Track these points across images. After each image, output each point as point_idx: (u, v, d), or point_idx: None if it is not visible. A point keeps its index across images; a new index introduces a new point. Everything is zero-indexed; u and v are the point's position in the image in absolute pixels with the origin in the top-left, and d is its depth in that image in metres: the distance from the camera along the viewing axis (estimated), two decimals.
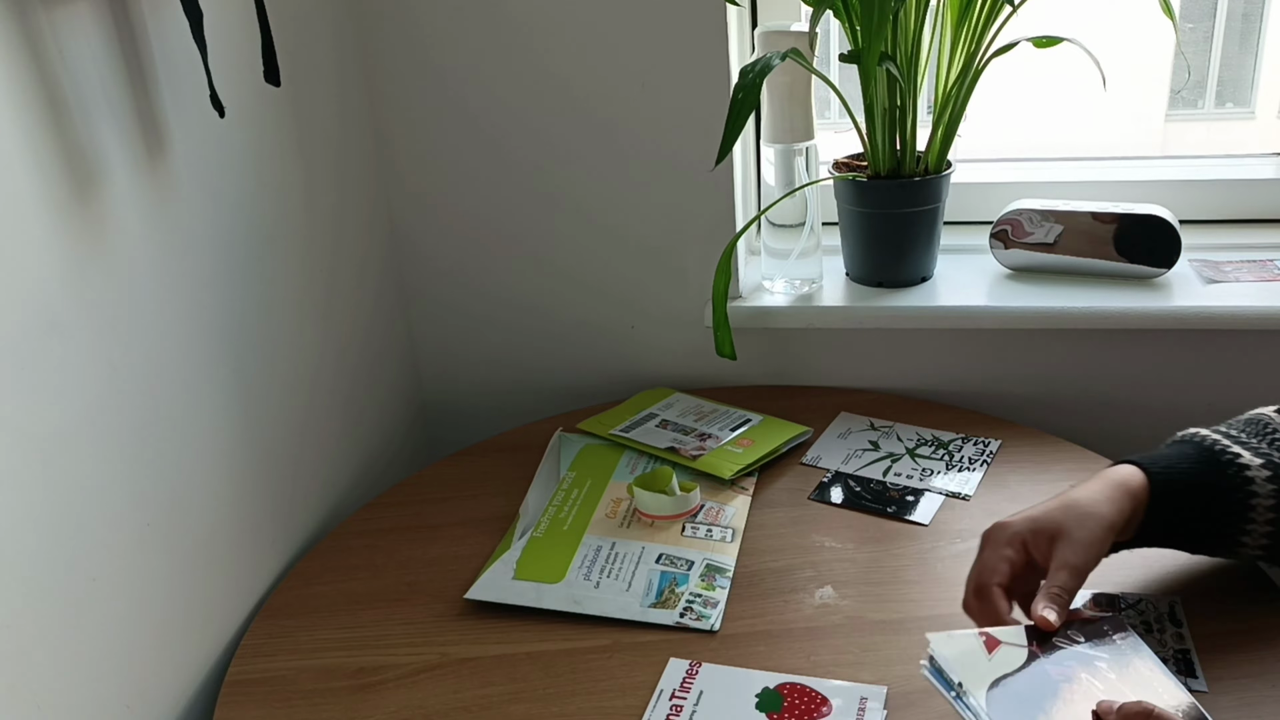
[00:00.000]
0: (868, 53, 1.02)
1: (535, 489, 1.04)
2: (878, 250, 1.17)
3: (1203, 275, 1.15)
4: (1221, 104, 4.58)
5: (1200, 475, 0.78)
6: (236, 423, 0.91)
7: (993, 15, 1.06)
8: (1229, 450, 0.78)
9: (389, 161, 1.20)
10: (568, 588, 0.88)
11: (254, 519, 0.93)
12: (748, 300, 1.19)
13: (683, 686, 0.77)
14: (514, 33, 1.12)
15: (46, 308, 0.68)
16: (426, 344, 1.30)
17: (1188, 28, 4.38)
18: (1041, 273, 1.19)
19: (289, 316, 1.00)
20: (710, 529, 0.96)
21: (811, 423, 1.12)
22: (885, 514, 0.97)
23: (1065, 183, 1.27)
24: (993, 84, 1.16)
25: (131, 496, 0.76)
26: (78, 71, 0.71)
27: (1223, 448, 0.79)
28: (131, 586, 0.76)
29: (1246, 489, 0.76)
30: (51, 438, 0.68)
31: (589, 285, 1.24)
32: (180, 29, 0.81)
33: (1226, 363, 1.13)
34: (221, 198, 0.89)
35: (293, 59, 1.00)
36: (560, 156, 1.17)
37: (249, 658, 0.85)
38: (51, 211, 0.69)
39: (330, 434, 1.08)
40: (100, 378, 0.73)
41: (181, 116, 0.83)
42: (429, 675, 0.81)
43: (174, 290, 0.82)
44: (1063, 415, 1.19)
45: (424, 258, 1.25)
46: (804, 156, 1.14)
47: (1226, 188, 1.25)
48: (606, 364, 1.27)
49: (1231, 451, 0.78)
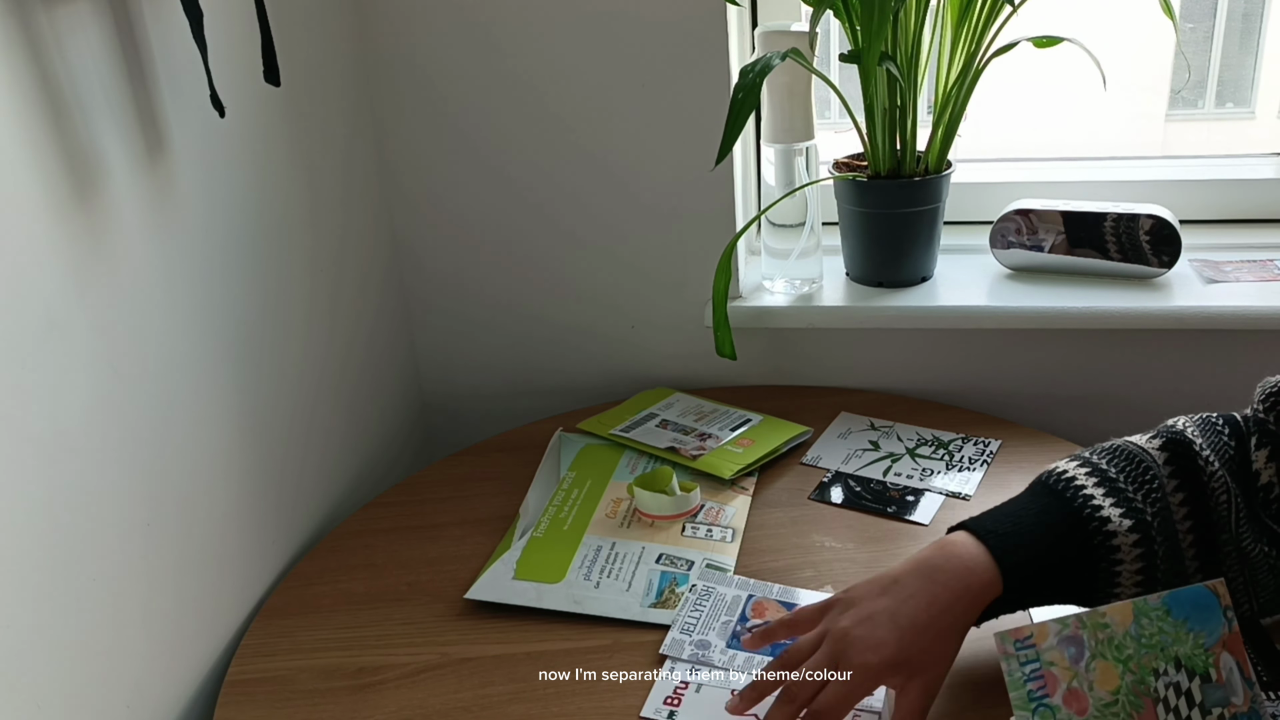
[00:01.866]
0: (868, 53, 1.02)
1: (535, 489, 1.04)
2: (878, 250, 1.17)
3: (1203, 275, 1.15)
4: (1221, 104, 4.58)
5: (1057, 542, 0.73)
6: (237, 422, 0.91)
7: (993, 15, 1.06)
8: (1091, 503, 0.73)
9: (389, 161, 1.20)
10: (568, 588, 0.88)
11: (254, 519, 0.93)
12: (748, 300, 1.19)
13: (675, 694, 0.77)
14: (514, 33, 1.12)
15: (46, 308, 0.68)
16: (427, 343, 1.30)
17: (1188, 28, 4.38)
18: (1041, 273, 1.19)
19: (289, 316, 1.00)
20: (710, 529, 0.96)
21: (811, 423, 1.12)
22: (885, 514, 0.97)
23: (1065, 183, 1.27)
24: (993, 84, 1.16)
25: (131, 496, 0.76)
26: (78, 71, 0.71)
27: (1085, 499, 0.73)
28: (131, 586, 0.76)
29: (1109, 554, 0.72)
30: (51, 438, 0.68)
31: (589, 285, 1.24)
32: (180, 29, 0.81)
33: (1226, 363, 1.13)
34: (221, 198, 0.89)
35: (293, 59, 1.00)
36: (560, 156, 1.17)
37: (249, 658, 0.85)
38: (52, 211, 0.69)
39: (330, 433, 1.08)
40: (100, 378, 0.73)
41: (181, 116, 0.83)
42: (429, 675, 0.81)
43: (174, 290, 0.82)
44: (1063, 415, 1.19)
45: (425, 257, 1.25)
46: (804, 156, 1.14)
47: (1226, 188, 1.25)
48: (606, 364, 1.27)
49: (1094, 505, 0.73)
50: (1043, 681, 0.63)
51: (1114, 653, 0.64)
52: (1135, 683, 0.63)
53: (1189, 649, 0.64)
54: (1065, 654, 0.63)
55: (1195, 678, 0.63)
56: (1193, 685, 0.63)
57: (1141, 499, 0.73)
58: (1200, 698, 0.63)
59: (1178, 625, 0.64)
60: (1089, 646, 0.64)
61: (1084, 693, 0.63)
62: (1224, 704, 0.63)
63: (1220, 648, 0.64)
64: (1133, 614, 0.64)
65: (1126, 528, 0.72)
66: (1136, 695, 0.63)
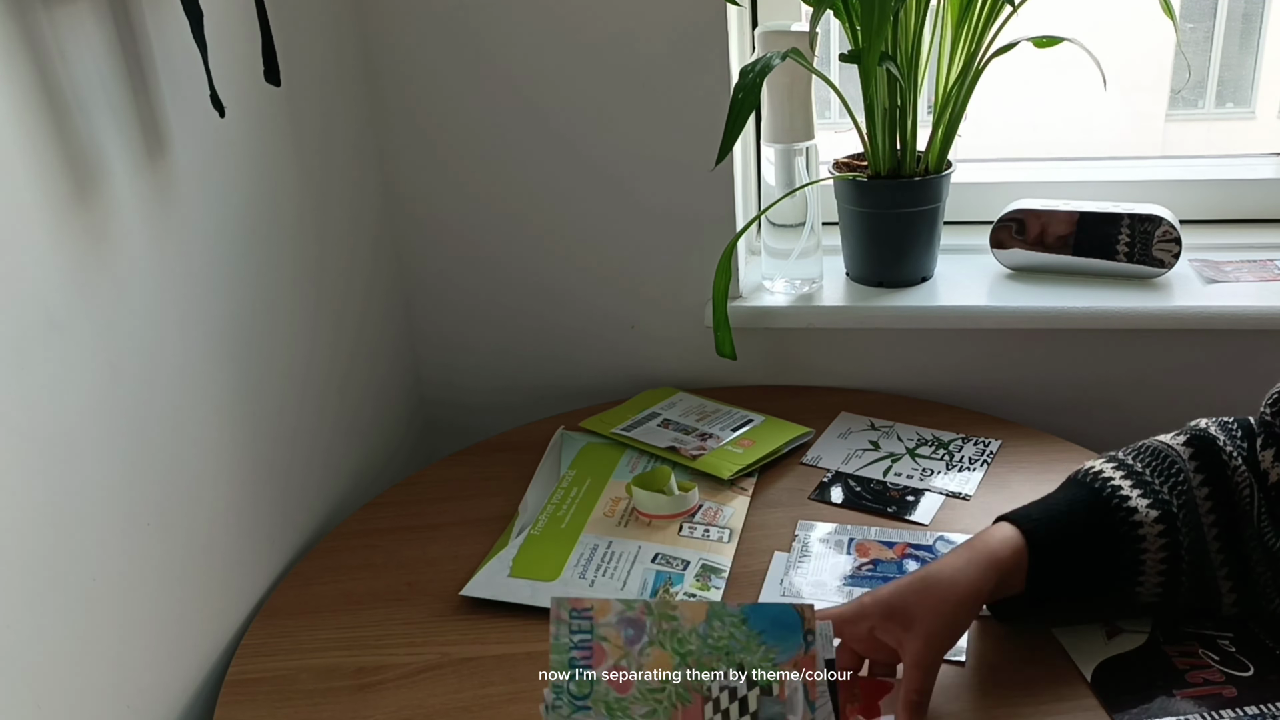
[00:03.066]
0: (868, 53, 1.02)
1: (535, 487, 1.04)
2: (878, 250, 1.17)
3: (1203, 275, 1.15)
4: (1221, 104, 4.58)
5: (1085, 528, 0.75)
6: (237, 423, 0.91)
7: (993, 15, 1.06)
8: (1119, 493, 0.76)
9: (389, 161, 1.20)
10: (563, 586, 0.88)
11: (254, 519, 0.93)
12: (748, 300, 1.19)
13: None
14: (514, 34, 1.12)
15: (46, 308, 0.68)
16: (427, 343, 1.30)
17: (1188, 28, 4.39)
18: (1041, 273, 1.19)
19: (289, 316, 1.00)
20: (708, 529, 0.96)
21: (812, 422, 1.12)
22: (885, 514, 0.97)
23: (1065, 183, 1.27)
24: (993, 84, 1.16)
25: (131, 496, 0.76)
26: (78, 71, 0.71)
27: (1113, 490, 0.76)
28: (131, 586, 0.76)
29: (1135, 543, 0.74)
30: (51, 438, 0.68)
31: (589, 285, 1.24)
32: (180, 29, 0.81)
33: (1226, 363, 1.13)
34: (221, 198, 0.89)
35: (293, 59, 1.00)
36: (561, 157, 1.17)
37: (249, 658, 0.85)
38: (51, 211, 0.69)
39: (330, 433, 1.08)
40: (100, 378, 0.73)
41: (181, 116, 0.83)
42: (429, 675, 0.81)
43: (174, 290, 0.82)
44: (1063, 415, 1.19)
45: (424, 258, 1.25)
46: (804, 156, 1.14)
47: (1226, 188, 1.25)
48: (606, 364, 1.27)
49: (1121, 495, 0.76)
50: (589, 653, 0.64)
51: (675, 644, 0.64)
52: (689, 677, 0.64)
53: (756, 659, 0.64)
54: (622, 633, 0.64)
55: (755, 688, 0.64)
56: (750, 694, 0.64)
57: (1168, 491, 0.76)
58: (755, 707, 0.63)
59: (750, 635, 0.64)
60: (649, 632, 0.64)
61: (630, 674, 0.64)
62: (779, 718, 0.63)
63: (791, 666, 0.64)
64: (706, 615, 0.65)
65: (1152, 517, 0.75)
66: (687, 689, 0.64)
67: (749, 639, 0.64)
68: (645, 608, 0.65)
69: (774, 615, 0.65)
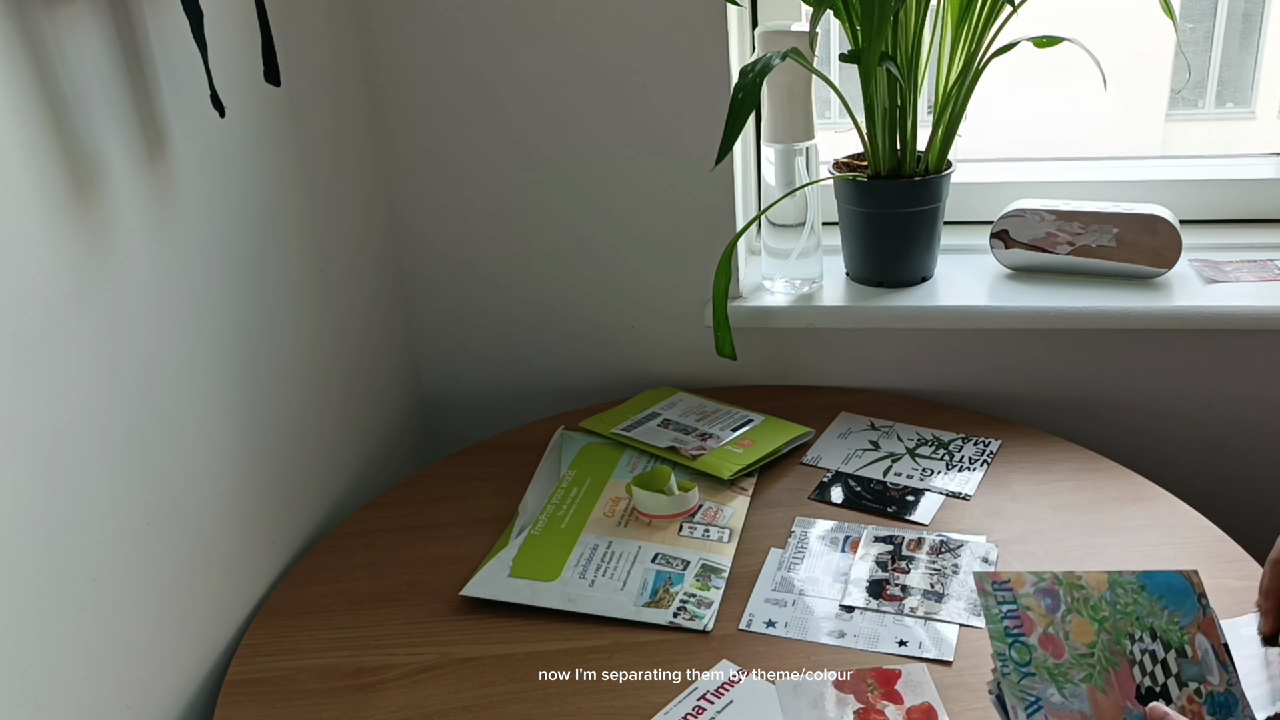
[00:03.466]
0: (868, 53, 1.02)
1: (535, 487, 1.04)
2: (878, 250, 1.17)
3: (1203, 275, 1.15)
4: (1221, 104, 4.58)
5: None
6: (237, 423, 0.91)
7: (993, 15, 1.06)
8: None
9: (389, 161, 1.20)
10: (562, 586, 0.88)
11: (254, 519, 0.93)
12: (748, 300, 1.19)
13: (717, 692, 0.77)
14: (515, 34, 1.12)
15: (46, 308, 0.68)
16: (427, 343, 1.30)
17: (1188, 28, 4.38)
18: (1041, 273, 1.19)
19: (289, 316, 1.00)
20: (707, 529, 0.96)
21: (811, 423, 1.12)
22: (885, 514, 0.97)
23: (1065, 183, 1.27)
24: (993, 84, 1.16)
25: (131, 496, 0.76)
26: (78, 71, 0.71)
27: None
28: (131, 586, 0.76)
29: None
30: (51, 438, 0.68)
31: (588, 285, 1.24)
32: (180, 29, 0.81)
33: (1226, 363, 1.13)
34: (221, 198, 0.89)
35: (293, 59, 1.00)
36: (561, 158, 1.17)
37: (249, 658, 0.85)
38: (51, 211, 0.69)
39: (330, 434, 1.08)
40: (100, 378, 0.73)
41: (181, 116, 0.83)
42: (429, 675, 0.81)
43: (174, 290, 0.82)
44: (1063, 415, 1.19)
45: (424, 259, 1.25)
46: (804, 156, 1.14)
47: (1226, 188, 1.25)
48: (606, 364, 1.27)
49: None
50: (1019, 621, 0.65)
51: (1090, 611, 0.66)
52: (1110, 642, 0.65)
53: (1164, 623, 0.66)
54: (1041, 603, 0.66)
55: (1171, 650, 0.65)
56: (1168, 656, 0.65)
57: None
58: (1176, 669, 0.65)
59: (1152, 600, 0.66)
60: (1064, 601, 0.66)
61: (1060, 640, 0.65)
62: (1200, 680, 0.65)
63: (1195, 629, 0.66)
64: (1108, 583, 0.67)
65: None
66: (1112, 654, 0.65)
67: (1152, 605, 0.66)
68: (1054, 578, 0.67)
69: (1166, 581, 0.67)
